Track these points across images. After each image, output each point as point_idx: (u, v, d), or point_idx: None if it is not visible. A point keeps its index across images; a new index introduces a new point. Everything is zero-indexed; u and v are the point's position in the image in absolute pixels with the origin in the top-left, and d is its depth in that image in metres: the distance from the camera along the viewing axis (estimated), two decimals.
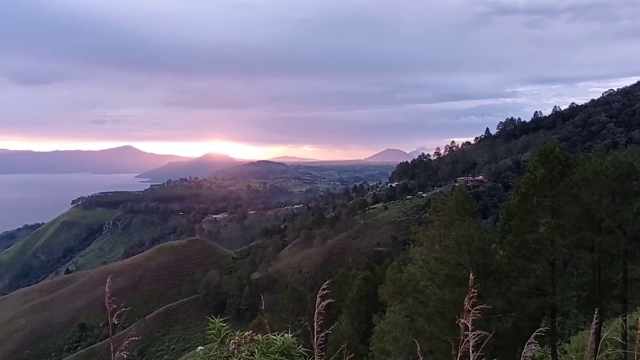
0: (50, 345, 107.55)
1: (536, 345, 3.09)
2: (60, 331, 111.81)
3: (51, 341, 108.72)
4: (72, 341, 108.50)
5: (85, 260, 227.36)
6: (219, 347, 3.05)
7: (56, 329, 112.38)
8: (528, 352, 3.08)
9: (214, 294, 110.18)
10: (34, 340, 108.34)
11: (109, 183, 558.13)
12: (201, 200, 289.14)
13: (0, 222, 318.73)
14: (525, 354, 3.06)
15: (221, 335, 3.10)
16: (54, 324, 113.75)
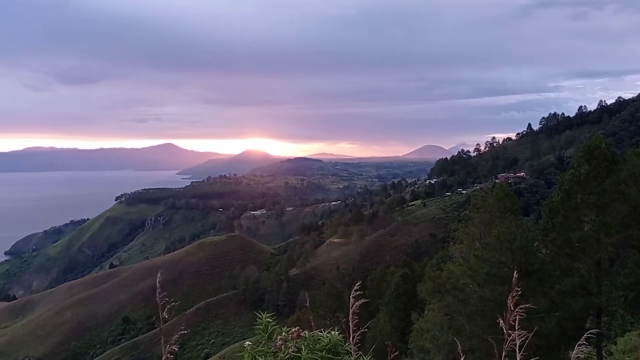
0: (95, 337, 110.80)
1: (587, 347, 3.01)
2: (104, 324, 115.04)
3: (96, 333, 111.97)
4: (116, 334, 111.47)
5: (128, 255, 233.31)
6: (266, 342, 3.08)
7: (101, 322, 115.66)
8: (579, 353, 2.99)
9: (253, 289, 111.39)
10: (80, 332, 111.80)
11: (151, 180, 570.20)
12: (240, 196, 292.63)
13: (48, 218, 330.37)
14: (575, 355, 2.98)
15: (268, 331, 3.13)
16: (99, 317, 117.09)
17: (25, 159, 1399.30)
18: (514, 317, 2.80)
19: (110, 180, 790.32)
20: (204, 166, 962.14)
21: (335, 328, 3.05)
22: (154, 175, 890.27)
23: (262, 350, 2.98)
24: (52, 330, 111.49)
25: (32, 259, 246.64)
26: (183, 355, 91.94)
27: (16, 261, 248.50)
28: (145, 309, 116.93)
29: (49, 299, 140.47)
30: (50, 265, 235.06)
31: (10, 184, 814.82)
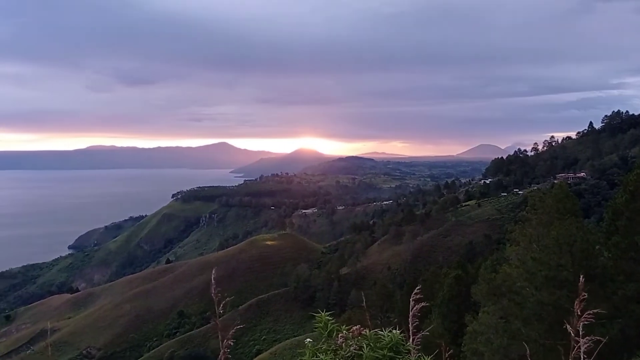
0: (152, 330, 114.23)
1: None
2: (160, 317, 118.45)
3: (153, 326, 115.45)
4: (172, 327, 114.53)
5: (184, 251, 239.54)
6: (327, 340, 3.06)
7: (157, 315, 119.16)
8: None
9: (304, 287, 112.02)
10: (138, 325, 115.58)
11: (206, 178, 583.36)
12: (291, 195, 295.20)
13: (109, 214, 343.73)
14: None
15: (328, 329, 3.11)
16: (155, 311, 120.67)
17: (88, 157, 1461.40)
18: (580, 323, 2.78)
19: (167, 178, 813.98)
20: (256, 165, 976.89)
21: (392, 328, 3.00)
22: (209, 173, 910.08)
23: (323, 348, 2.99)
24: (111, 322, 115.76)
25: (94, 253, 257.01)
26: (236, 350, 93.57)
27: (79, 255, 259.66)
28: (199, 304, 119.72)
29: (109, 292, 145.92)
30: (111, 260, 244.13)
31: (75, 181, 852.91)
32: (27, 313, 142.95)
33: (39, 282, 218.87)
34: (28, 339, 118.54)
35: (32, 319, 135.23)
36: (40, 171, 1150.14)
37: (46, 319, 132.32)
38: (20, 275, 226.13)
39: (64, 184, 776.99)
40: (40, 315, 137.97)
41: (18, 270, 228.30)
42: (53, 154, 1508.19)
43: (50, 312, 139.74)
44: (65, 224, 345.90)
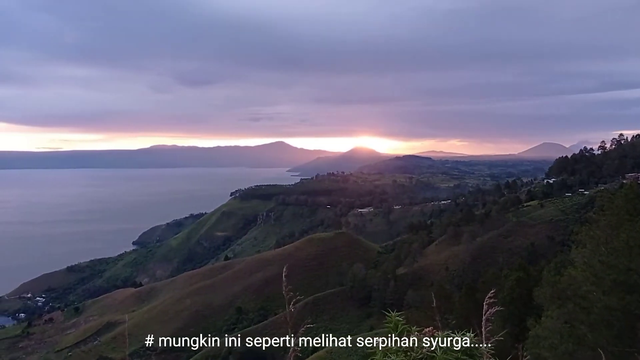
0: (211, 325, 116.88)
1: None
2: (219, 313, 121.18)
3: (212, 321, 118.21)
4: (230, 323, 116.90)
5: (242, 248, 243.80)
6: (397, 341, 2.99)
7: (216, 311, 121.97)
8: None
9: (360, 286, 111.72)
10: (198, 319, 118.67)
11: (263, 177, 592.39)
12: (347, 194, 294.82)
13: (170, 211, 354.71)
14: None
15: (398, 329, 3.02)
16: (215, 306, 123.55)
17: (151, 156, 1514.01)
18: None
19: (226, 176, 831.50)
20: (313, 164, 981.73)
21: (441, 329, 2.96)
22: (266, 172, 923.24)
23: (394, 349, 2.95)
24: (173, 316, 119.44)
25: (156, 249, 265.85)
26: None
27: (142, 251, 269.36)
28: (257, 301, 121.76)
29: (171, 287, 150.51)
30: (172, 256, 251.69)
31: (139, 179, 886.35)
32: (94, 306, 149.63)
33: (106, 276, 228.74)
34: (95, 330, 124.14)
35: (99, 312, 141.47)
36: (106, 170, 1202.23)
37: (112, 311, 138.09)
38: (88, 269, 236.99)
39: (129, 182, 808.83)
40: (107, 308, 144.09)
41: (86, 264, 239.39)
42: (118, 153, 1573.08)
43: (116, 305, 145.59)
44: (129, 221, 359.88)
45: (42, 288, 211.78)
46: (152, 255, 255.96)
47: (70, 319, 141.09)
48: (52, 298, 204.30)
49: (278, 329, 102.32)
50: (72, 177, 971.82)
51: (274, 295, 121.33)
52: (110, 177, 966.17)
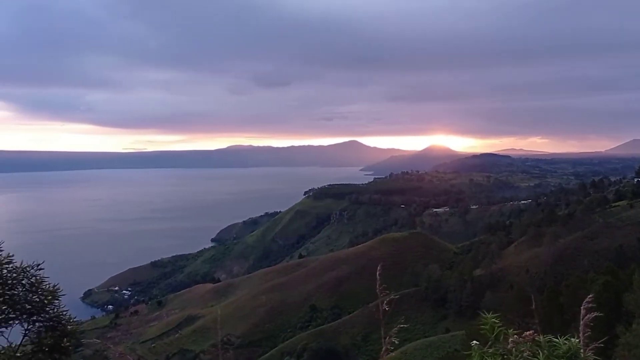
0: (286, 322, 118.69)
1: None
2: (294, 310, 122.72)
3: (286, 318, 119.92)
4: (304, 320, 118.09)
5: (315, 247, 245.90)
6: (494, 344, 2.92)
7: (291, 308, 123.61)
8: None
9: (435, 288, 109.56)
10: (273, 316, 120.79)
11: (336, 176, 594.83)
12: (422, 193, 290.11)
13: (246, 209, 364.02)
14: None
15: (495, 332, 2.95)
16: (289, 303, 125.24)
17: (228, 156, 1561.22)
18: None
19: (300, 175, 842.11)
20: (386, 162, 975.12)
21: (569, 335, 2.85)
22: (339, 171, 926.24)
23: (490, 352, 2.87)
24: (249, 312, 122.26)
25: (233, 246, 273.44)
26: (366, 347, 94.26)
27: (220, 248, 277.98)
28: (330, 299, 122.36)
29: (247, 283, 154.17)
30: (248, 253, 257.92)
31: (217, 178, 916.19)
32: (175, 300, 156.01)
33: (186, 272, 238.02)
34: (176, 323, 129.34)
35: (180, 306, 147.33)
36: (187, 169, 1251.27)
37: (192, 305, 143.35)
38: (170, 264, 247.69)
39: (208, 182, 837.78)
40: (187, 302, 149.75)
41: (168, 260, 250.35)
42: (198, 154, 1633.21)
43: (196, 299, 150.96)
44: (208, 219, 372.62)
45: (128, 282, 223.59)
46: (229, 252, 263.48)
47: (154, 311, 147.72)
48: (137, 291, 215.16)
49: (352, 327, 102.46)
50: (155, 176, 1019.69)
51: (347, 294, 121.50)
52: (190, 176, 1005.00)
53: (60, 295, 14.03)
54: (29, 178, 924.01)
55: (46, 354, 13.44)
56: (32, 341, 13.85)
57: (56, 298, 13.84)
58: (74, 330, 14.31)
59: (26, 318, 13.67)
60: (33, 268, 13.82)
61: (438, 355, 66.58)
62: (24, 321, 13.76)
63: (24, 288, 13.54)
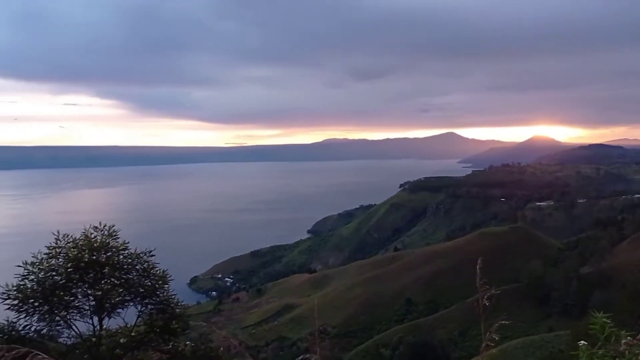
0: (381, 314, 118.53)
1: None
2: (388, 303, 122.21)
3: (381, 311, 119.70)
4: (399, 313, 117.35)
5: (411, 240, 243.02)
6: (604, 345, 2.80)
7: (385, 301, 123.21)
8: None
9: (537, 285, 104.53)
10: (368, 308, 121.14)
11: (432, 168, 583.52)
12: (524, 186, 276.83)
13: (341, 202, 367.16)
14: None
15: (605, 333, 2.83)
16: (384, 296, 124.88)
17: (323, 149, 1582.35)
18: None
19: (395, 168, 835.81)
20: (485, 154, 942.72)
21: None
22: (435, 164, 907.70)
23: (600, 353, 2.73)
24: (344, 304, 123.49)
25: (329, 238, 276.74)
26: (463, 343, 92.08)
27: (316, 239, 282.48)
28: (426, 293, 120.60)
29: (342, 275, 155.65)
30: (343, 245, 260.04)
31: (313, 171, 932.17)
32: (274, 288, 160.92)
33: (284, 262, 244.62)
34: (275, 311, 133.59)
35: (278, 294, 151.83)
36: (284, 163, 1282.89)
37: (289, 295, 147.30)
38: (268, 254, 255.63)
39: (304, 175, 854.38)
40: (285, 291, 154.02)
41: (267, 250, 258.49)
42: (294, 147, 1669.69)
43: (293, 289, 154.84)
44: (304, 211, 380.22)
45: (230, 270, 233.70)
46: (324, 244, 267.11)
47: (254, 299, 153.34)
48: (238, 279, 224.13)
49: (448, 322, 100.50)
50: (255, 170, 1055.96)
51: (444, 288, 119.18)
52: (287, 169, 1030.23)
53: (169, 281, 15.13)
54: (141, 171, 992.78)
55: (157, 334, 14.54)
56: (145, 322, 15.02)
57: (166, 283, 14.97)
58: (182, 314, 15.36)
59: (139, 300, 14.89)
60: (145, 255, 15.04)
61: (540, 355, 63.67)
62: (138, 303, 14.99)
63: (138, 273, 14.77)
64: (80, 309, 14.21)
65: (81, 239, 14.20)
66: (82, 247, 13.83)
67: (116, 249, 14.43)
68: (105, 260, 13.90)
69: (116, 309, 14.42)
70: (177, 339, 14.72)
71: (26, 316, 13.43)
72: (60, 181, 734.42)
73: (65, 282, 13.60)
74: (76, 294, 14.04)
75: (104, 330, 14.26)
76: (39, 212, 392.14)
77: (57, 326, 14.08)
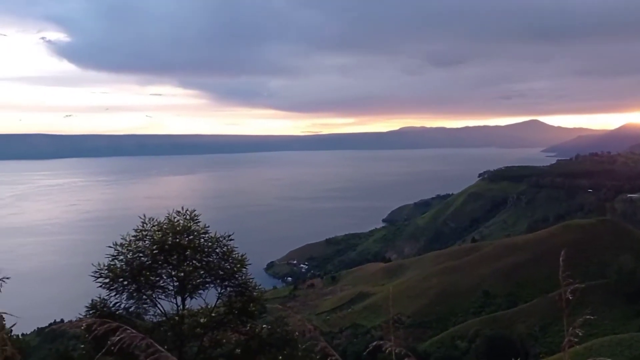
0: (457, 306, 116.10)
1: None
2: (465, 294, 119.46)
3: (457, 302, 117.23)
4: (476, 305, 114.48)
5: (489, 231, 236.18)
6: None
7: (462, 292, 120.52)
8: None
9: (627, 280, 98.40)
10: (443, 298, 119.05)
11: (514, 157, 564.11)
12: (614, 176, 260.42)
13: (417, 191, 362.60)
14: None
15: None
16: (460, 287, 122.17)
17: (400, 137, 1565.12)
18: None
19: (474, 157, 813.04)
20: (572, 143, 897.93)
21: None
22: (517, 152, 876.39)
23: None
24: (419, 293, 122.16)
25: (404, 227, 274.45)
26: (544, 339, 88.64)
27: (391, 228, 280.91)
28: (505, 286, 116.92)
29: (418, 264, 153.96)
30: (419, 234, 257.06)
31: (389, 159, 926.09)
32: (348, 276, 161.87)
33: (358, 250, 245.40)
34: (349, 299, 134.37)
35: (352, 282, 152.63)
36: (359, 151, 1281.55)
37: (363, 283, 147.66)
38: (343, 242, 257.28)
39: (379, 163, 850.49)
40: (359, 279, 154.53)
41: (341, 238, 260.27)
42: (370, 135, 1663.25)
43: (367, 277, 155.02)
44: (379, 199, 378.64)
45: (305, 256, 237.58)
46: (400, 233, 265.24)
47: (328, 286, 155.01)
48: (313, 266, 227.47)
49: (528, 316, 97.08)
50: (330, 158, 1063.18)
51: (524, 281, 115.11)
52: (362, 157, 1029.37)
53: (247, 264, 15.63)
54: (221, 159, 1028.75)
55: (235, 316, 15.10)
56: (224, 304, 15.63)
57: (244, 266, 15.49)
58: (259, 297, 15.82)
59: (219, 283, 15.51)
60: (225, 239, 15.63)
61: (630, 355, 60.17)
62: (218, 285, 15.62)
63: (218, 256, 15.38)
64: (164, 288, 15.04)
65: (165, 222, 14.99)
66: (166, 231, 14.60)
67: (197, 232, 15.11)
68: (187, 243, 14.59)
69: (197, 290, 15.12)
70: (254, 321, 15.21)
71: (116, 294, 14.38)
72: (146, 168, 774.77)
73: (151, 263, 14.41)
74: (161, 275, 14.86)
75: (186, 309, 15.00)
76: (127, 197, 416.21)
77: (144, 304, 14.97)
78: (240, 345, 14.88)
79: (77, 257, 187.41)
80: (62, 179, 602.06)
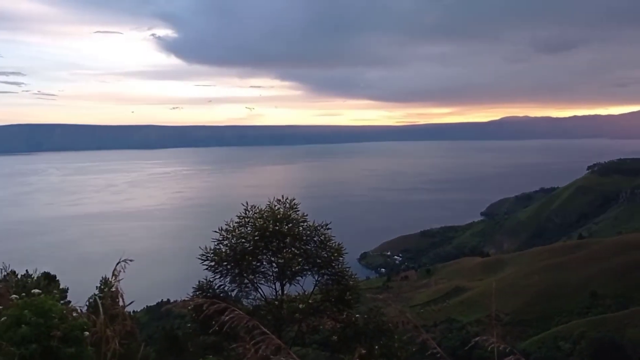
0: (560, 305, 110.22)
1: None
2: (570, 294, 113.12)
3: (561, 302, 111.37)
4: (582, 306, 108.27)
5: (599, 228, 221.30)
6: None
7: (566, 292, 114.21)
8: None
9: None
10: (546, 297, 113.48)
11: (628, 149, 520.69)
12: None
13: (519, 184, 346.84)
14: None
15: None
16: (565, 286, 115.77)
17: (501, 127, 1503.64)
18: None
19: (582, 148, 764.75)
20: None
21: None
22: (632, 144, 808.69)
23: None
24: (519, 290, 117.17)
25: (504, 221, 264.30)
26: None
27: (490, 222, 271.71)
28: (615, 287, 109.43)
29: (518, 260, 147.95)
30: (520, 229, 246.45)
31: (489, 151, 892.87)
32: (443, 270, 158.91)
33: (454, 243, 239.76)
34: (444, 293, 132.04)
35: (447, 276, 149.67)
36: (458, 142, 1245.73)
37: (459, 277, 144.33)
38: (439, 235, 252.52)
39: (479, 154, 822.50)
40: (454, 273, 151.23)
41: (437, 230, 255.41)
42: (469, 126, 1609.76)
43: (463, 271, 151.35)
44: (478, 192, 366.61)
45: (399, 248, 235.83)
46: (499, 227, 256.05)
47: (422, 279, 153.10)
48: (407, 258, 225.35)
49: None
50: (427, 148, 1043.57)
51: (637, 283, 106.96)
52: (461, 148, 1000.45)
53: (344, 254, 15.90)
54: (317, 149, 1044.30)
55: (332, 303, 15.45)
56: (321, 291, 16.02)
57: (341, 255, 15.79)
58: (355, 286, 16.04)
59: (317, 270, 15.92)
60: (322, 227, 16.00)
61: None
62: (315, 273, 16.04)
63: (315, 244, 15.79)
64: (265, 274, 15.70)
65: (266, 210, 15.61)
66: (267, 218, 15.20)
67: (296, 220, 15.59)
68: (287, 231, 15.10)
69: (296, 277, 15.62)
70: (350, 309, 15.47)
71: (220, 277, 15.21)
72: (246, 158, 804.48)
73: (253, 249, 15.08)
74: (262, 260, 15.52)
75: (285, 295, 15.56)
76: (229, 185, 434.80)
77: (246, 288, 15.72)
78: (336, 333, 15.20)
79: (182, 241, 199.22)
80: (169, 167, 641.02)
